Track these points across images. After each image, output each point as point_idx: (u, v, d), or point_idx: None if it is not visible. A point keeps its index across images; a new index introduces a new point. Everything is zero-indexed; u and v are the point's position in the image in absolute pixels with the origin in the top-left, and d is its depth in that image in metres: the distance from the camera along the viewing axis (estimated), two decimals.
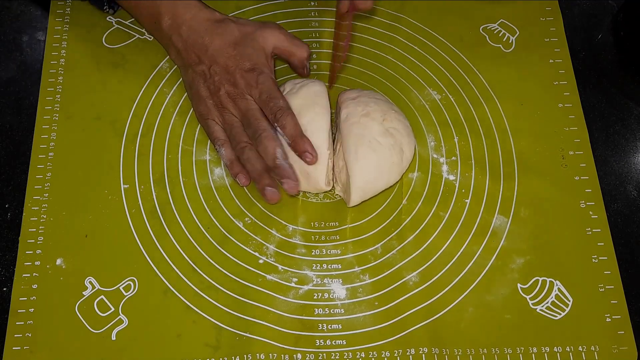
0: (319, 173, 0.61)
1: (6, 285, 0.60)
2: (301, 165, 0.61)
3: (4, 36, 0.73)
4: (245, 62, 0.63)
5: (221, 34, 0.64)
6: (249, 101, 0.63)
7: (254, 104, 0.63)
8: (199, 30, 0.64)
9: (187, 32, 0.64)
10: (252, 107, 0.63)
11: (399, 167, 0.63)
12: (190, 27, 0.64)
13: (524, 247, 0.63)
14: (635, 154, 0.69)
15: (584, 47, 0.75)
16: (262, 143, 0.61)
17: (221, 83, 0.63)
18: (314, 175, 0.61)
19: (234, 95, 0.63)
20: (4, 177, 0.65)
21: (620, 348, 0.59)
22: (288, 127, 0.61)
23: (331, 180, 0.63)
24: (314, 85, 0.64)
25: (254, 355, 0.58)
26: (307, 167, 0.61)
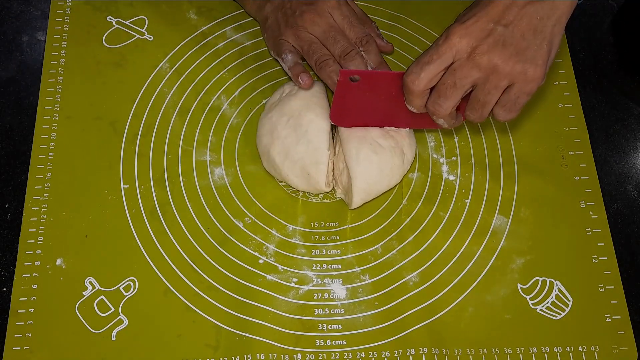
0: (319, 173, 0.61)
1: (6, 285, 0.60)
2: (301, 166, 0.61)
3: (4, 36, 0.73)
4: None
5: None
6: (330, 18, 0.63)
7: (334, 22, 0.63)
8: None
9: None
10: (333, 24, 0.63)
11: (400, 169, 0.63)
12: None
13: (524, 247, 0.63)
14: (635, 154, 0.69)
15: (584, 47, 0.75)
16: (355, 59, 0.62)
17: (298, 6, 0.64)
18: (315, 176, 0.61)
19: (311, 13, 0.63)
20: (4, 177, 0.65)
21: (620, 348, 0.59)
22: (373, 53, 0.63)
23: (331, 182, 0.64)
24: (313, 86, 0.64)
25: (254, 355, 0.58)
26: (307, 167, 0.61)
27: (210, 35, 0.73)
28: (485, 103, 0.54)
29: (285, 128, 0.62)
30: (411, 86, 0.54)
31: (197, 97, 0.69)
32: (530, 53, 0.51)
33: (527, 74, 0.52)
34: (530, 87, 0.53)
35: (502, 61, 0.51)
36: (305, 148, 0.61)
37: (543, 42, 0.51)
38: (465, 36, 0.51)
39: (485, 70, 0.52)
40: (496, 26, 0.51)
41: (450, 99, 0.54)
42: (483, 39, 0.51)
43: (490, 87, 0.53)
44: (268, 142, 0.63)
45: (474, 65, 0.52)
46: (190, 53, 0.71)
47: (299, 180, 0.63)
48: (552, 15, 0.51)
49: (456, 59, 0.52)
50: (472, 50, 0.51)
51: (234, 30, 0.73)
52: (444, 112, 0.55)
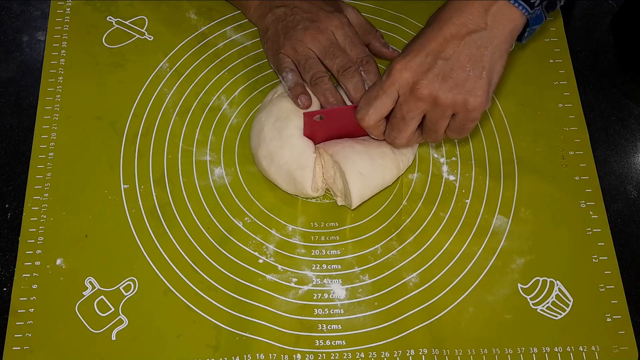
0: (305, 178, 0.61)
1: (6, 285, 0.60)
2: (288, 170, 0.61)
3: (4, 36, 0.73)
4: (328, 7, 0.65)
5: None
6: (332, 36, 0.64)
7: (336, 40, 0.64)
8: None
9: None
10: (334, 41, 0.64)
11: (391, 157, 0.62)
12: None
13: (524, 247, 0.63)
14: (635, 154, 0.69)
15: (584, 47, 0.75)
16: (354, 77, 0.62)
17: (301, 20, 0.64)
18: (301, 180, 0.61)
19: (314, 30, 0.63)
20: (4, 177, 0.65)
21: (620, 348, 0.59)
22: (372, 73, 0.63)
23: (319, 187, 0.63)
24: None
25: (254, 355, 0.58)
26: (293, 172, 0.61)
27: (210, 35, 0.73)
28: (436, 129, 0.56)
29: (272, 130, 0.62)
30: (362, 122, 0.57)
31: (197, 97, 0.69)
32: (469, 84, 0.53)
33: (467, 105, 0.53)
34: (473, 115, 0.55)
35: (442, 94, 0.53)
36: (289, 153, 0.61)
37: (482, 72, 0.53)
38: (406, 70, 0.53)
39: (428, 102, 0.54)
40: (435, 60, 0.53)
41: (403, 131, 0.56)
42: (423, 73, 0.53)
43: (437, 116, 0.55)
44: (256, 144, 0.63)
45: (417, 98, 0.54)
46: (190, 53, 0.72)
47: (286, 185, 0.63)
48: (490, 43, 0.52)
49: (400, 93, 0.55)
50: (414, 85, 0.53)
51: (234, 30, 0.73)
52: (400, 143, 0.58)
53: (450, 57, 0.52)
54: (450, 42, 0.52)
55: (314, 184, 0.62)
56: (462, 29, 0.52)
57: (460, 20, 0.52)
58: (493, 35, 0.52)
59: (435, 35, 0.53)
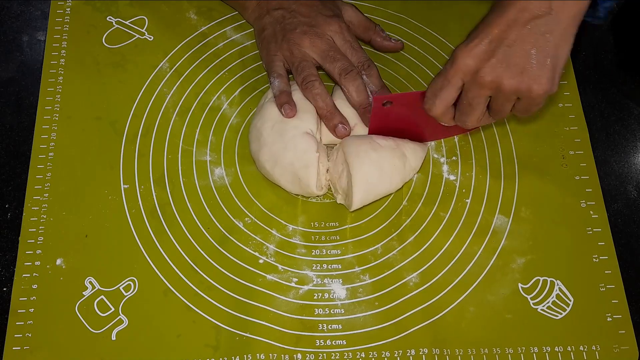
0: (310, 177, 0.61)
1: (6, 285, 0.60)
2: (291, 171, 0.61)
3: (4, 36, 0.73)
4: (327, 11, 0.65)
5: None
6: (330, 41, 0.64)
7: (335, 44, 0.64)
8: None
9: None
10: (334, 46, 0.64)
11: (400, 172, 0.62)
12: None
13: (524, 247, 0.63)
14: (635, 154, 0.69)
15: (584, 47, 0.75)
16: (357, 80, 0.62)
17: (299, 23, 0.64)
18: (305, 180, 0.61)
19: (312, 35, 0.63)
20: (4, 177, 0.65)
21: (621, 347, 0.59)
22: (374, 77, 0.63)
23: (324, 186, 0.63)
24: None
25: (254, 355, 0.58)
26: (297, 172, 0.61)
27: (210, 35, 0.73)
28: (501, 111, 0.56)
29: (271, 134, 0.62)
30: (430, 112, 0.57)
31: (197, 97, 0.69)
32: (533, 71, 0.52)
33: (531, 92, 0.52)
34: (537, 101, 0.54)
35: (505, 81, 0.52)
36: (293, 153, 0.61)
37: (546, 59, 0.51)
38: (469, 58, 0.52)
39: (492, 89, 0.53)
40: (499, 47, 0.51)
41: (471, 115, 0.56)
42: (486, 61, 0.52)
43: (502, 100, 0.54)
44: (256, 149, 0.63)
45: (481, 85, 0.53)
46: (190, 53, 0.72)
47: (291, 185, 0.63)
48: (555, 29, 0.51)
49: (465, 80, 0.54)
50: (477, 72, 0.52)
51: (234, 30, 0.73)
52: (471, 125, 0.58)
53: (513, 43, 0.51)
54: (514, 27, 0.51)
55: (318, 182, 0.62)
56: (526, 14, 0.50)
57: (523, 4, 0.50)
58: (558, 20, 0.50)
59: (498, 21, 0.51)
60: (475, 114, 0.56)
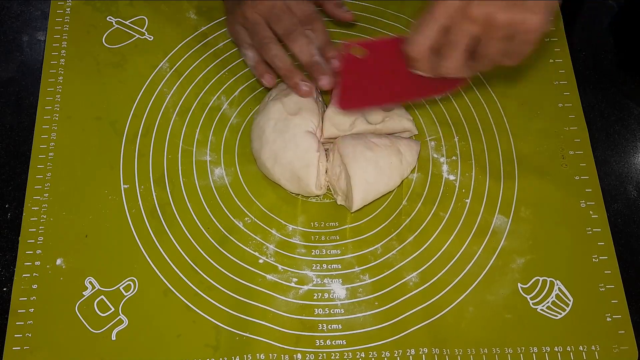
0: (309, 176, 0.61)
1: (6, 285, 0.60)
2: (291, 169, 0.61)
3: (4, 36, 0.73)
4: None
5: None
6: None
7: (280, 2, 0.61)
8: None
9: None
10: (278, 3, 0.61)
11: (398, 169, 0.63)
12: None
13: (524, 247, 0.63)
14: (635, 154, 0.69)
15: (584, 47, 0.75)
16: (298, 40, 0.60)
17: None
18: (305, 179, 0.61)
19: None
20: (4, 177, 0.65)
21: (620, 347, 0.59)
22: (319, 31, 0.61)
23: (322, 185, 0.63)
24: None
25: (254, 355, 0.58)
26: (297, 171, 0.61)
27: (210, 35, 0.73)
28: (489, 54, 0.52)
29: (273, 132, 0.62)
30: (411, 53, 0.53)
31: (197, 97, 0.70)
32: (528, 3, 0.48)
33: (525, 24, 0.48)
34: (530, 37, 0.49)
35: (497, 12, 0.48)
36: (293, 152, 0.61)
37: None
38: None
39: (481, 23, 0.49)
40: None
41: (451, 58, 0.52)
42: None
43: (490, 40, 0.50)
44: (258, 147, 0.63)
45: (469, 19, 0.49)
46: (190, 53, 0.72)
47: (290, 184, 0.63)
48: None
49: (452, 16, 0.50)
50: (466, 5, 0.48)
51: None
52: (450, 72, 0.53)
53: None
54: None
55: (317, 182, 0.62)
56: None
57: None
58: None
59: None
60: (456, 56, 0.51)
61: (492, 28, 0.49)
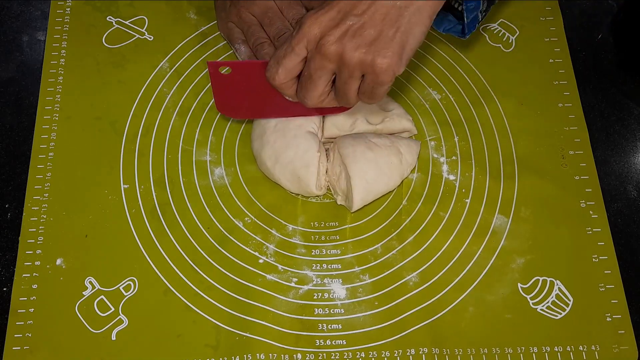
0: (309, 176, 0.61)
1: (6, 285, 0.60)
2: (292, 169, 0.61)
3: (4, 36, 0.73)
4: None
5: None
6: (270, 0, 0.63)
7: (273, 4, 0.63)
8: None
9: None
10: (272, 6, 0.63)
11: (398, 168, 0.63)
12: None
13: (524, 247, 0.63)
14: (635, 154, 0.69)
15: (584, 47, 0.75)
16: (288, 41, 0.60)
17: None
18: (305, 179, 0.61)
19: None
20: (4, 177, 0.65)
21: (620, 347, 0.59)
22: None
23: (322, 186, 0.63)
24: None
25: (254, 355, 0.58)
26: (297, 171, 0.61)
27: (210, 35, 0.73)
28: (345, 91, 0.52)
29: (274, 132, 0.62)
30: (271, 81, 0.54)
31: (197, 97, 0.69)
32: (380, 44, 0.49)
33: (375, 66, 0.50)
34: (381, 78, 0.50)
35: (349, 52, 0.49)
36: (294, 152, 0.61)
37: (396, 33, 0.49)
38: (315, 26, 0.50)
39: (335, 61, 0.50)
40: (347, 15, 0.49)
41: (311, 91, 0.53)
42: (332, 29, 0.49)
43: (345, 77, 0.51)
44: (259, 147, 0.64)
45: (323, 56, 0.50)
46: (190, 53, 0.72)
47: (290, 184, 0.63)
48: (410, 4, 0.49)
49: (309, 49, 0.51)
50: (321, 40, 0.50)
51: None
52: (310, 103, 0.54)
53: (363, 13, 0.48)
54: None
55: (317, 182, 0.62)
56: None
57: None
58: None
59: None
60: (316, 90, 0.52)
61: (345, 66, 0.50)
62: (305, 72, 0.52)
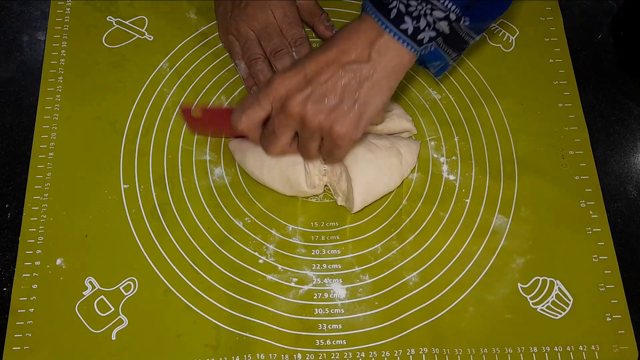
0: (298, 174, 0.61)
1: (6, 285, 0.60)
2: (280, 170, 0.61)
3: (4, 36, 0.73)
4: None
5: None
6: (270, 15, 0.64)
7: (274, 20, 0.64)
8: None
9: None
10: (272, 22, 0.65)
11: (398, 170, 0.63)
12: None
13: (524, 247, 0.63)
14: (635, 154, 0.69)
15: (584, 47, 0.75)
16: (284, 59, 0.64)
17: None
18: (294, 178, 0.61)
19: (255, 7, 0.64)
20: (4, 177, 0.65)
21: (620, 347, 0.59)
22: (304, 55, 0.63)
23: (317, 185, 0.63)
24: None
25: (254, 355, 0.58)
26: (285, 171, 0.61)
27: (210, 35, 0.73)
28: (306, 149, 0.56)
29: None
30: (235, 127, 0.57)
31: (197, 97, 0.69)
32: (338, 112, 0.52)
33: (332, 132, 0.53)
34: (338, 143, 0.54)
35: (310, 116, 0.52)
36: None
37: (355, 104, 0.52)
38: (283, 86, 0.53)
39: (297, 121, 0.54)
40: (311, 82, 0.52)
41: (273, 144, 0.56)
42: (298, 92, 0.53)
43: (306, 136, 0.55)
44: (241, 158, 0.64)
45: (286, 115, 0.53)
46: (190, 53, 0.72)
47: (282, 187, 0.63)
48: (370, 77, 0.52)
49: (274, 107, 0.54)
50: (286, 101, 0.53)
51: None
52: (271, 154, 0.58)
53: (326, 81, 0.52)
54: (330, 66, 0.52)
55: (308, 180, 0.62)
56: (344, 57, 0.52)
57: (345, 47, 0.52)
58: (374, 69, 0.52)
59: (319, 57, 0.52)
60: (277, 143, 0.56)
61: (306, 128, 0.54)
62: (270, 127, 0.56)
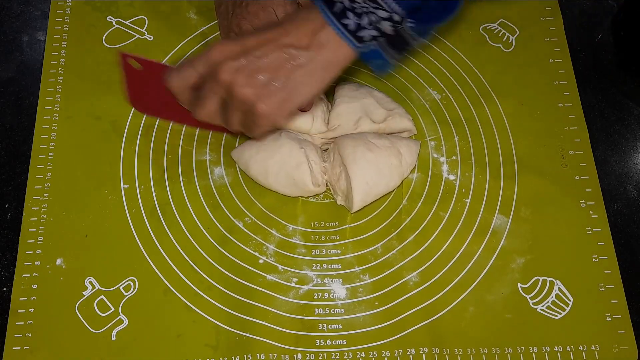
0: (303, 174, 0.61)
1: (6, 285, 0.60)
2: (285, 173, 0.61)
3: (4, 36, 0.73)
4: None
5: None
6: (272, 14, 0.64)
7: (275, 18, 0.63)
8: None
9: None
10: (273, 20, 0.63)
11: (398, 169, 0.63)
12: None
13: (524, 247, 0.63)
14: (635, 154, 0.69)
15: (584, 47, 0.75)
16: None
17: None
18: (299, 179, 0.61)
19: (257, 6, 0.63)
20: (4, 177, 0.65)
21: (620, 347, 0.59)
22: None
23: (321, 183, 0.63)
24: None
25: (254, 355, 0.58)
26: (290, 173, 0.61)
27: (210, 35, 0.73)
28: (228, 117, 0.56)
29: (253, 146, 0.63)
30: (166, 83, 0.57)
31: None
32: (265, 90, 0.53)
33: (255, 108, 0.53)
34: (258, 120, 0.54)
35: (237, 86, 0.52)
36: (280, 155, 0.62)
37: (285, 87, 0.53)
38: (220, 53, 0.53)
39: (224, 89, 0.53)
40: (247, 54, 0.52)
41: (200, 107, 0.56)
42: (231, 60, 0.53)
43: (230, 106, 0.55)
44: (244, 166, 0.64)
45: (216, 81, 0.53)
46: (190, 53, 0.72)
47: (289, 189, 0.63)
48: (305, 65, 0.52)
49: (206, 72, 0.54)
50: (218, 67, 0.53)
51: None
52: (198, 117, 0.57)
53: (261, 57, 0.52)
54: (269, 44, 0.52)
55: (313, 179, 0.62)
56: (285, 39, 0.52)
57: (288, 29, 0.52)
58: (311, 58, 0.52)
59: (262, 34, 0.53)
60: (204, 108, 0.56)
61: (232, 97, 0.53)
62: (199, 90, 0.55)
